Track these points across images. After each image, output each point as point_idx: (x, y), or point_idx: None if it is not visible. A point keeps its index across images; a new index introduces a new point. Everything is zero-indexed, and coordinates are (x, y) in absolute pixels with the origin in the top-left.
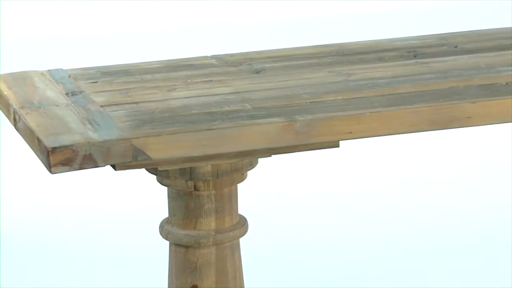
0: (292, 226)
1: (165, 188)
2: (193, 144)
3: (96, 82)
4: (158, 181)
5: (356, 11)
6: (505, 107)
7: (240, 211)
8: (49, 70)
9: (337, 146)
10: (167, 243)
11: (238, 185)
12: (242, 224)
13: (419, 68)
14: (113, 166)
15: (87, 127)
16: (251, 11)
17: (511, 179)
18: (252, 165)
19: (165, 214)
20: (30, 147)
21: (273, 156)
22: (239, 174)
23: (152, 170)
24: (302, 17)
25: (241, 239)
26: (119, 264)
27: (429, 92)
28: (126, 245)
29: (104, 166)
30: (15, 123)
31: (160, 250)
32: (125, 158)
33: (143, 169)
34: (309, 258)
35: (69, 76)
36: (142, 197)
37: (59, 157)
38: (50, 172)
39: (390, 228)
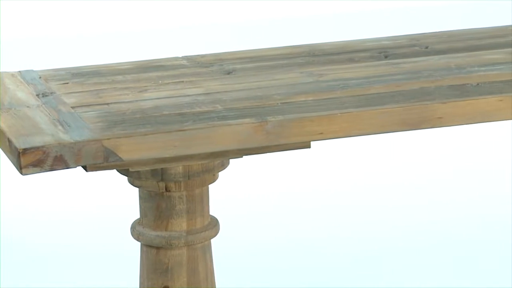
0: (264, 226)
1: (137, 189)
2: (164, 145)
3: (67, 83)
4: (129, 182)
5: (327, 12)
6: (475, 107)
7: (211, 212)
8: (19, 71)
9: (308, 146)
10: (138, 244)
11: (210, 186)
12: (213, 225)
13: (390, 69)
14: (84, 167)
15: (58, 128)
16: (222, 12)
17: (488, 177)
18: (223, 166)
19: (136, 215)
20: (1, 148)
21: (244, 156)
22: (211, 175)
23: (124, 171)
24: (273, 17)
25: (212, 240)
26: (90, 265)
27: (400, 93)
28: (97, 246)
29: (75, 167)
30: None
31: (131, 251)
32: (96, 159)
33: (115, 170)
34: (281, 259)
35: (39, 77)
36: (113, 198)
37: (30, 158)
38: (21, 173)
39: (362, 227)
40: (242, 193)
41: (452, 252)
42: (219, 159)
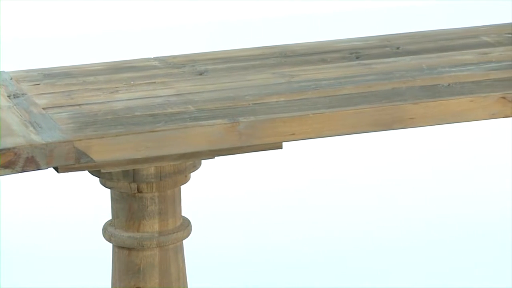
0: (235, 227)
1: (108, 190)
2: (136, 146)
3: (38, 84)
4: (101, 183)
5: (299, 13)
6: (447, 108)
7: (183, 213)
8: None
9: (280, 147)
10: (110, 245)
11: (182, 187)
12: (185, 226)
13: (361, 70)
14: (56, 169)
15: (30, 129)
16: (193, 12)
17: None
18: (195, 166)
19: (108, 216)
20: None
21: (216, 157)
22: (182, 176)
23: (95, 172)
24: (244, 18)
25: (184, 241)
26: (62, 266)
27: (372, 93)
28: (69, 247)
29: (47, 168)
30: None
31: (103, 252)
32: (68, 160)
33: (86, 171)
34: (253, 259)
35: (11, 78)
36: (85, 200)
37: (1, 160)
38: None
39: (336, 227)
40: (214, 194)
41: (432, 251)
42: (191, 160)
